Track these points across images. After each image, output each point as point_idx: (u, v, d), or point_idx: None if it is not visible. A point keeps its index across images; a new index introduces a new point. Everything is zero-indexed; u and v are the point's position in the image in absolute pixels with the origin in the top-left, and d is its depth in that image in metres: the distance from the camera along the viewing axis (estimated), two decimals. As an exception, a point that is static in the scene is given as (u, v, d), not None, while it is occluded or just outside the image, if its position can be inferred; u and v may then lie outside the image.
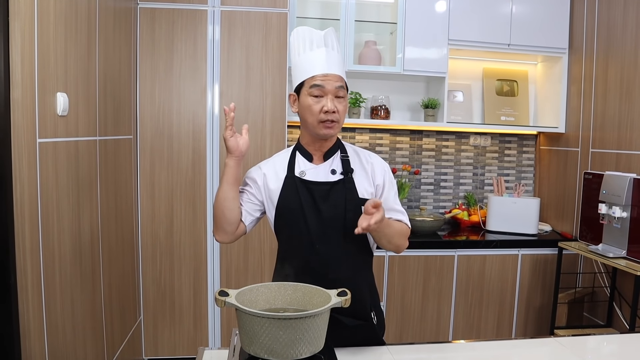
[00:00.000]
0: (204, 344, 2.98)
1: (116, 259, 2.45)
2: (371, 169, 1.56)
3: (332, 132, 1.49)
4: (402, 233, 1.54)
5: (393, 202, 1.56)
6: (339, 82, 1.48)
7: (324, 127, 1.48)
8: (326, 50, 1.50)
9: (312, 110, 1.47)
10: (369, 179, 1.54)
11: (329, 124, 1.47)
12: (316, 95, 1.47)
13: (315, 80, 1.47)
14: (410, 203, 3.55)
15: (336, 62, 1.51)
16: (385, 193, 1.55)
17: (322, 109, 1.46)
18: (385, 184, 1.56)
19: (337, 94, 1.47)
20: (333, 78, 1.47)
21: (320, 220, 1.48)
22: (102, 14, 2.18)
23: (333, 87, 1.46)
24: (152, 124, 2.84)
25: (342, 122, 1.51)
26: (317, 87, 1.46)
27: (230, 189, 1.48)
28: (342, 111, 1.49)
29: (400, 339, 3.02)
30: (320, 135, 1.50)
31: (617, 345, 1.63)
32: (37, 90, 1.58)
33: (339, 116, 1.48)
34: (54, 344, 1.70)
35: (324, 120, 1.47)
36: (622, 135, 2.78)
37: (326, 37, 1.52)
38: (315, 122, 1.48)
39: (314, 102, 1.47)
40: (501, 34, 3.18)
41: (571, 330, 2.92)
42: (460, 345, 1.63)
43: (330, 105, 1.45)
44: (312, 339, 1.15)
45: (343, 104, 1.50)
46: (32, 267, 1.57)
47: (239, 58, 2.86)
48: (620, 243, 2.59)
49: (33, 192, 1.57)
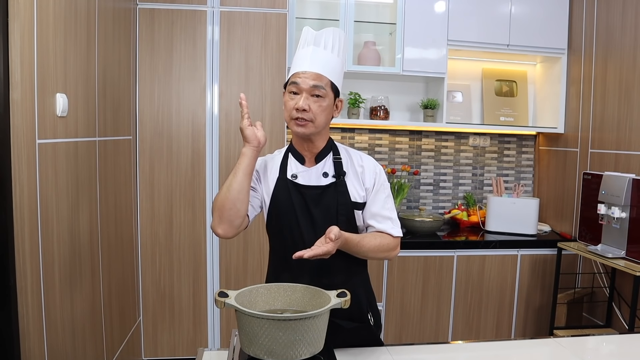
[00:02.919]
0: (203, 345, 2.97)
1: (115, 259, 2.44)
2: (362, 172, 1.52)
3: (305, 130, 1.45)
4: (380, 248, 1.47)
5: (380, 208, 1.51)
6: (316, 81, 1.43)
7: (296, 125, 1.45)
8: (314, 49, 1.46)
9: (286, 106, 1.47)
10: (360, 182, 1.51)
11: (300, 121, 1.44)
12: (292, 91, 1.45)
13: (293, 78, 1.45)
14: (410, 203, 3.56)
15: (321, 61, 1.45)
16: (372, 197, 1.51)
17: (294, 107, 1.43)
18: (374, 187, 1.51)
19: (312, 93, 1.43)
20: (311, 76, 1.43)
21: (313, 224, 1.46)
22: (101, 14, 2.18)
23: (308, 85, 1.43)
24: (152, 125, 2.84)
25: (318, 123, 1.45)
26: (293, 84, 1.45)
27: (245, 179, 1.41)
28: (316, 111, 1.43)
29: (399, 339, 3.02)
30: (295, 133, 1.48)
31: (616, 346, 1.64)
32: (37, 91, 1.58)
33: (312, 115, 1.43)
34: (53, 345, 1.70)
35: (295, 117, 1.44)
36: (621, 135, 2.79)
37: (319, 36, 1.48)
38: (288, 118, 1.47)
39: (289, 99, 1.46)
40: (500, 35, 3.18)
41: (570, 331, 2.92)
42: (459, 346, 1.63)
43: (302, 103, 1.42)
44: (312, 340, 1.15)
45: (319, 104, 1.44)
46: (32, 269, 1.56)
47: (238, 58, 2.86)
48: (619, 243, 2.60)
49: (32, 193, 1.57)
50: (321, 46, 1.47)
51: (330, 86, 1.46)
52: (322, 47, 1.47)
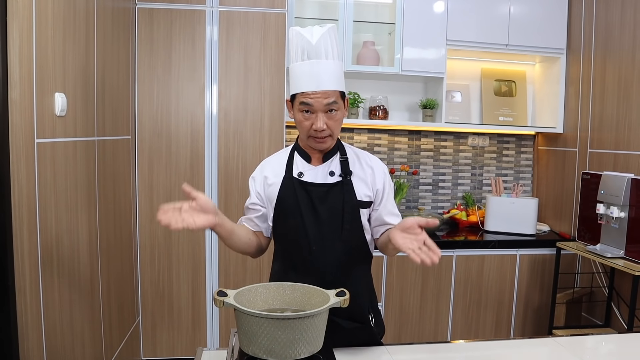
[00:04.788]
0: (202, 345, 2.97)
1: (114, 259, 2.44)
2: (371, 173, 1.54)
3: (325, 145, 1.48)
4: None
5: (392, 207, 1.56)
6: (329, 98, 1.42)
7: (315, 142, 1.47)
8: (318, 62, 1.42)
9: (302, 126, 1.46)
10: (368, 182, 1.53)
11: (319, 139, 1.46)
12: (306, 111, 1.44)
13: (304, 98, 1.42)
14: (409, 203, 3.56)
15: (328, 74, 1.43)
16: (385, 198, 1.55)
17: (311, 126, 1.43)
18: (385, 188, 1.55)
19: (328, 109, 1.43)
20: (323, 95, 1.41)
21: (318, 222, 1.47)
22: (100, 14, 2.17)
23: (322, 105, 1.42)
24: (151, 125, 2.84)
25: (336, 133, 1.48)
26: (306, 104, 1.43)
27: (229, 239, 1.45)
28: (333, 125, 1.45)
29: (398, 339, 3.02)
30: (315, 148, 1.50)
31: (615, 345, 1.63)
32: (35, 90, 1.58)
33: (330, 131, 1.45)
34: (52, 345, 1.70)
35: (314, 136, 1.45)
36: (619, 135, 2.79)
37: (319, 45, 1.43)
38: (305, 136, 1.48)
39: (304, 119, 1.45)
40: (499, 35, 3.19)
41: (569, 330, 2.92)
42: (458, 346, 1.63)
43: (320, 124, 1.42)
44: (311, 339, 1.15)
45: (335, 118, 1.45)
46: (30, 268, 1.56)
47: (238, 58, 2.86)
48: (618, 243, 2.60)
49: (31, 192, 1.57)
50: (322, 57, 1.43)
51: (341, 96, 1.47)
52: (323, 58, 1.44)
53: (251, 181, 1.59)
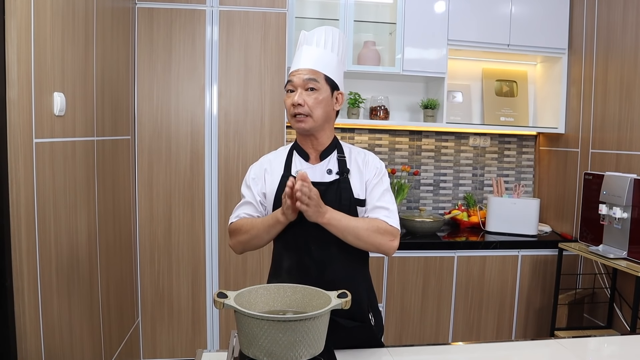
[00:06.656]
0: (202, 346, 2.96)
1: (114, 260, 2.43)
2: (365, 166, 1.55)
3: (304, 125, 1.48)
4: (371, 228, 1.44)
5: (377, 200, 1.51)
6: (308, 75, 1.47)
7: (296, 121, 1.49)
8: (307, 48, 1.51)
9: (285, 104, 1.51)
10: (362, 177, 1.53)
11: (299, 117, 1.47)
12: (289, 90, 1.49)
13: (289, 77, 1.50)
14: (410, 204, 3.54)
15: (313, 57, 1.49)
16: (371, 188, 1.53)
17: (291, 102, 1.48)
18: (374, 179, 1.53)
19: (306, 87, 1.47)
20: (304, 72, 1.47)
21: None
22: (99, 13, 2.16)
23: (301, 80, 1.47)
24: (150, 125, 2.83)
25: (316, 116, 1.48)
26: (289, 82, 1.49)
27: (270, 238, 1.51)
28: (312, 104, 1.47)
29: (399, 340, 3.01)
30: (297, 130, 1.52)
31: (618, 347, 1.63)
32: (34, 89, 1.57)
33: (308, 109, 1.46)
34: (50, 346, 1.69)
35: (293, 114, 1.48)
36: (622, 135, 2.77)
37: (310, 35, 1.53)
38: (289, 117, 1.51)
39: (287, 97, 1.50)
40: (500, 35, 3.17)
41: (571, 332, 2.91)
42: (460, 347, 1.62)
43: (297, 98, 1.46)
44: (312, 342, 1.13)
45: (314, 97, 1.47)
46: (29, 269, 1.55)
47: (238, 58, 2.85)
48: (620, 244, 2.59)
49: (29, 193, 1.55)
50: (313, 44, 1.51)
51: (325, 79, 1.49)
52: (314, 45, 1.51)
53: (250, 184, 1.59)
